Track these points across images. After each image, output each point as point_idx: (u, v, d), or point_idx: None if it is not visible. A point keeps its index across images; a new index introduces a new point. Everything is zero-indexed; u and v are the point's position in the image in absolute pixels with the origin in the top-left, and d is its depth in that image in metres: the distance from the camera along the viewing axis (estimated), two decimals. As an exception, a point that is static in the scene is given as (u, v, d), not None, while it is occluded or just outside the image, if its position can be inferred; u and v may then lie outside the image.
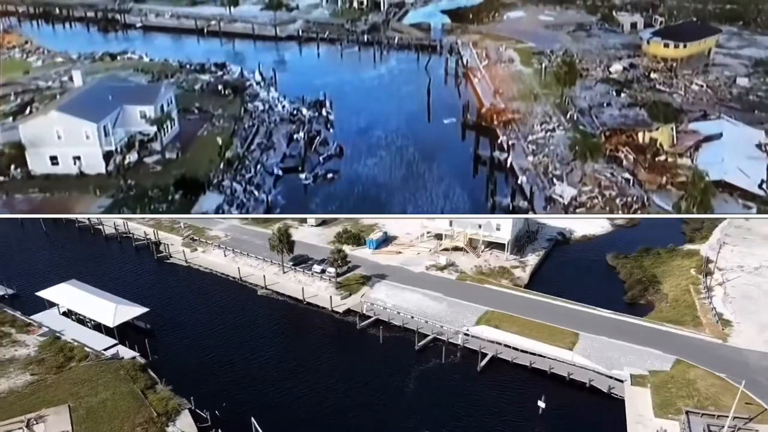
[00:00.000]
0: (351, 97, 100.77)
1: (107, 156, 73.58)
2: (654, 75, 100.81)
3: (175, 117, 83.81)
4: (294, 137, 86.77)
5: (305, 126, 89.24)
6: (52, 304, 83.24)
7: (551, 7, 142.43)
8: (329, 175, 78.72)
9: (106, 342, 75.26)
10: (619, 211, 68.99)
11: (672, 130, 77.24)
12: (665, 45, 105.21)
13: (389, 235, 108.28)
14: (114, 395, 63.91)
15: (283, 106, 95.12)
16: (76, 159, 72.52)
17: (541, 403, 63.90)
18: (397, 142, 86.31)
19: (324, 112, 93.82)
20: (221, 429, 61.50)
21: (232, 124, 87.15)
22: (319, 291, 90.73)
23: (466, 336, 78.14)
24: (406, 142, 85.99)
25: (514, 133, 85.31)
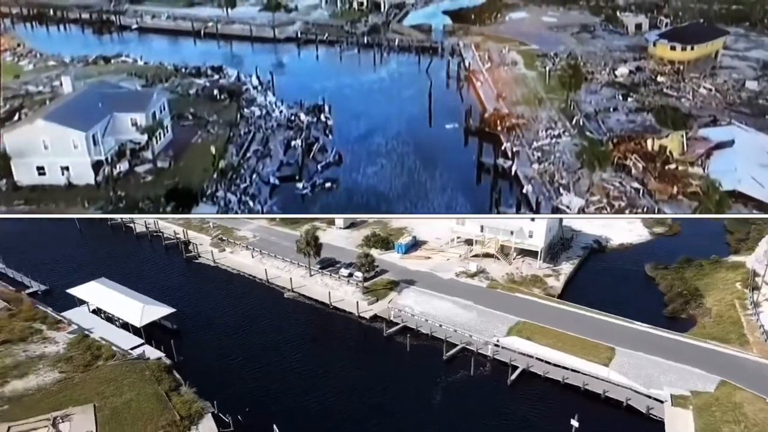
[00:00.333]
0: (350, 102, 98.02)
1: (96, 166, 70.94)
2: (661, 78, 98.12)
3: (168, 124, 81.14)
4: (291, 144, 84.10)
5: (303, 132, 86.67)
6: (82, 301, 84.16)
7: (554, 8, 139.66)
8: (327, 185, 76.07)
9: (133, 341, 75.65)
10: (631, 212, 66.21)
11: (682, 137, 74.59)
12: (672, 47, 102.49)
13: (418, 240, 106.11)
14: (138, 396, 64.13)
15: (281, 111, 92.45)
16: (64, 169, 69.95)
17: (575, 423, 60.19)
18: (398, 149, 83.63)
19: (323, 117, 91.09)
20: (243, 435, 60.50)
21: (227, 130, 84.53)
22: (346, 295, 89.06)
23: (496, 347, 75.38)
24: (407, 149, 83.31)
25: (518, 140, 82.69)
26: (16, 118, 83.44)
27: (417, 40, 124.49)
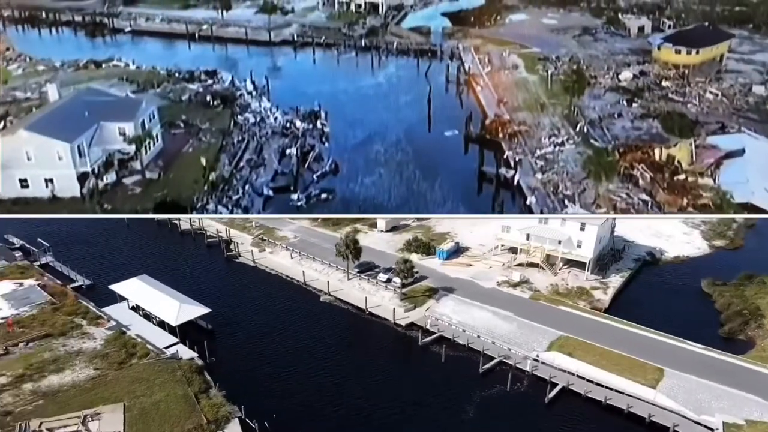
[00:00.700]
0: (347, 107, 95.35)
1: (82, 178, 68.25)
2: (666, 83, 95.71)
3: (158, 133, 78.48)
4: (286, 152, 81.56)
5: (298, 140, 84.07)
6: (122, 297, 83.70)
7: (555, 10, 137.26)
8: (323, 196, 73.50)
9: (167, 340, 74.77)
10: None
11: (691, 145, 71.99)
12: (677, 51, 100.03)
13: (461, 246, 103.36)
14: (168, 397, 63.12)
15: (276, 117, 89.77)
16: (48, 182, 67.28)
17: None
18: (397, 157, 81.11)
19: (319, 124, 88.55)
20: (268, 443, 58.76)
21: (219, 138, 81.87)
22: (383, 301, 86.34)
23: (535, 362, 71.56)
24: (405, 157, 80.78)
25: (520, 147, 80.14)
26: (1, 126, 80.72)
27: (416, 42, 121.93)
